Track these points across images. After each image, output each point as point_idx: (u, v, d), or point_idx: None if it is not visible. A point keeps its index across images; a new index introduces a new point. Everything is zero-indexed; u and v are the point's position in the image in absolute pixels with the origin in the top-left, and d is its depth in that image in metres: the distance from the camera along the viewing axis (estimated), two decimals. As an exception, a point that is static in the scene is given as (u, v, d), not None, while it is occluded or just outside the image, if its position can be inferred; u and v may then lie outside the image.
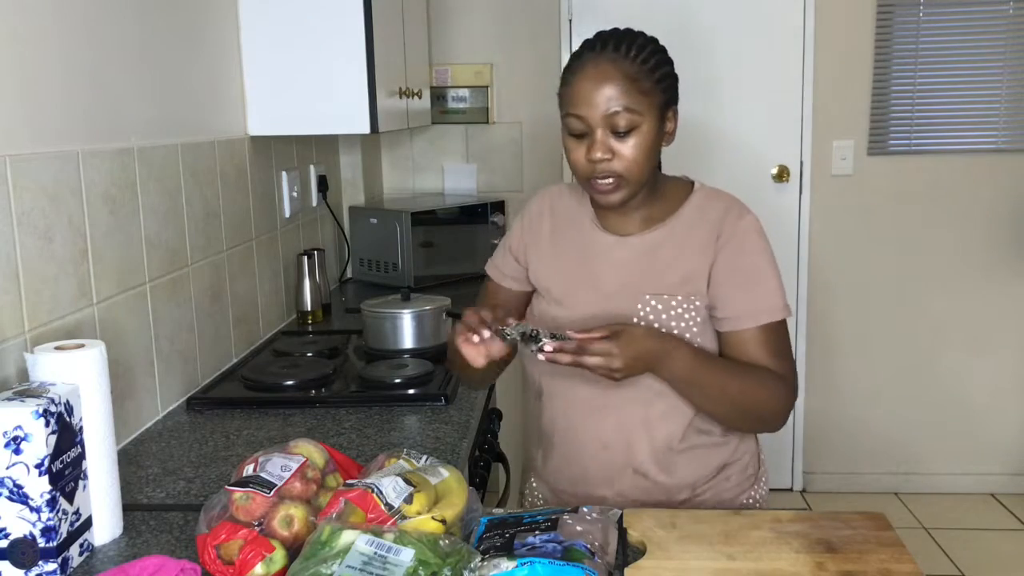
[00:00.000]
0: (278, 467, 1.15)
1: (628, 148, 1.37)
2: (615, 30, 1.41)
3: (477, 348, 1.35)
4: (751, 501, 1.55)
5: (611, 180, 1.39)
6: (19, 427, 1.07)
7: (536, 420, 1.61)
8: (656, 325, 1.42)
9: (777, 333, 1.44)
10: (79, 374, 1.18)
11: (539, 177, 3.46)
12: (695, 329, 1.43)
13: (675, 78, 1.43)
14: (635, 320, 1.43)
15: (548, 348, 1.30)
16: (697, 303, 1.43)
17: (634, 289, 1.45)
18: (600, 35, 1.42)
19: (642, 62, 1.37)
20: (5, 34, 1.32)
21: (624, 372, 1.31)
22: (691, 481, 1.48)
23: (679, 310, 1.43)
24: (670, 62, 1.42)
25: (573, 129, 1.39)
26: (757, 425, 1.48)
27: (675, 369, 1.36)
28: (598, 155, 1.37)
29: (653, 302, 1.43)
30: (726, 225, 1.45)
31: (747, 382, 1.40)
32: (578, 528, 1.16)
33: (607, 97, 1.35)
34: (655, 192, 1.48)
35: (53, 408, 1.10)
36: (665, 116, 1.41)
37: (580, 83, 1.37)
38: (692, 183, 1.52)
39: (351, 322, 2.47)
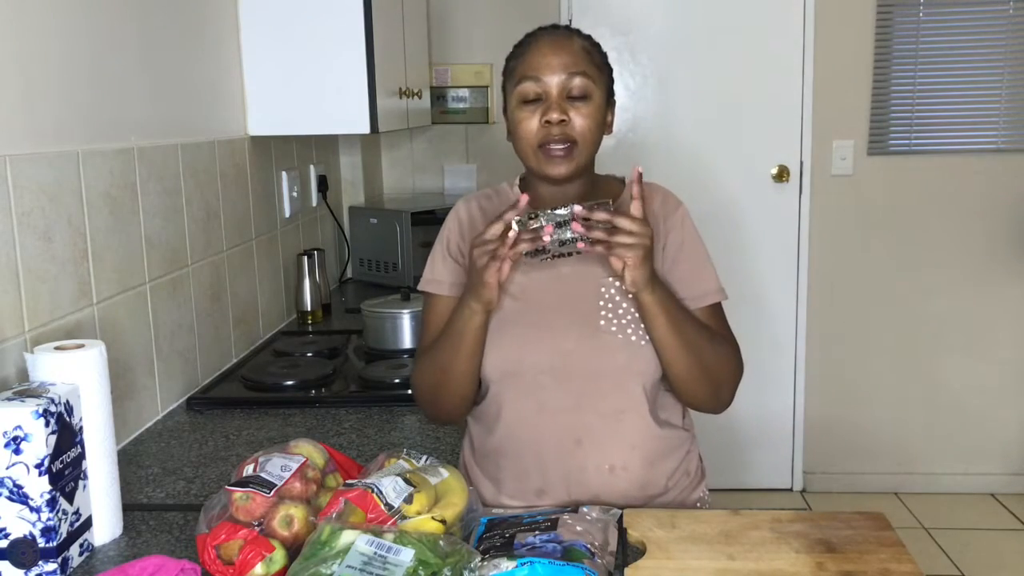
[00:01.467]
0: (278, 467, 1.15)
1: (582, 115, 1.41)
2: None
3: (497, 275, 1.32)
4: (704, 496, 1.56)
5: (565, 145, 1.40)
6: (19, 427, 1.07)
7: (481, 444, 1.52)
8: (621, 307, 1.42)
9: (719, 313, 1.50)
10: (79, 374, 1.18)
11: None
12: None
13: (612, 71, 1.50)
14: (600, 303, 1.43)
15: (577, 210, 1.27)
16: None
17: (591, 273, 1.44)
18: (549, 25, 1.51)
19: (592, 44, 1.47)
20: (5, 34, 1.32)
21: (646, 254, 1.30)
22: (663, 476, 1.47)
23: None
24: (608, 57, 1.50)
25: (527, 94, 1.41)
26: (713, 391, 1.45)
27: (666, 292, 1.38)
28: (555, 116, 1.39)
29: (618, 283, 1.42)
30: (667, 212, 1.50)
31: (713, 337, 1.44)
32: (578, 528, 1.16)
33: (566, 61, 1.41)
34: (592, 187, 1.51)
35: (53, 408, 1.10)
36: (608, 103, 1.47)
37: (538, 49, 1.43)
38: (623, 178, 1.56)
39: (351, 322, 2.47)
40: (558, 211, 1.29)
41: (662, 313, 1.37)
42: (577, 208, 1.28)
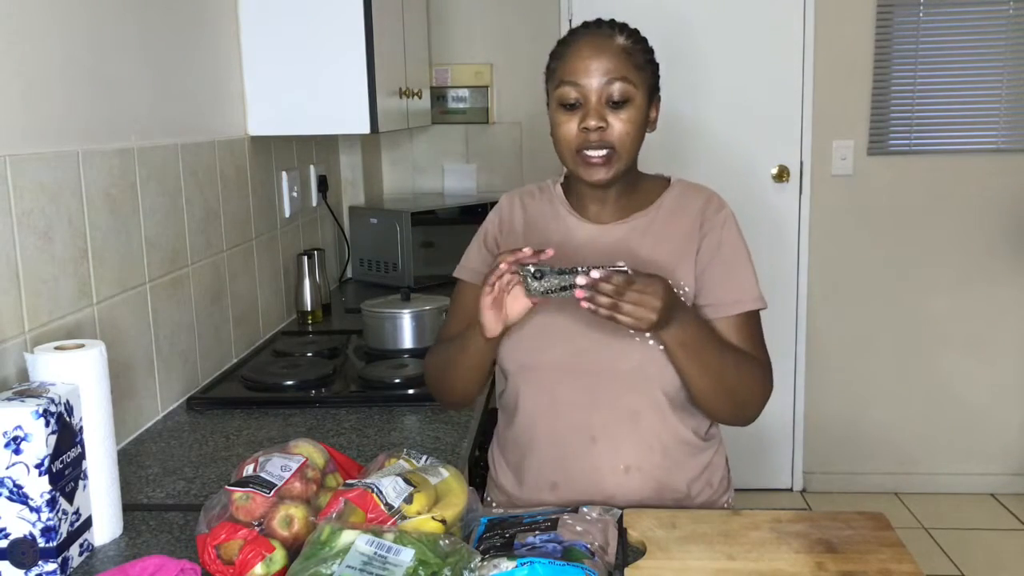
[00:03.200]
0: (278, 467, 1.15)
1: (621, 121, 1.39)
2: (605, 19, 1.46)
3: (496, 309, 1.32)
4: (727, 506, 1.55)
5: (603, 152, 1.39)
6: (19, 427, 1.07)
7: (504, 433, 1.55)
8: None
9: (754, 322, 1.47)
10: (79, 374, 1.18)
11: (539, 177, 3.44)
12: None
13: (658, 66, 1.47)
14: None
15: (582, 281, 1.24)
16: (686, 289, 1.44)
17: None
18: (592, 20, 1.46)
19: (635, 42, 1.43)
20: (6, 34, 1.32)
21: (659, 318, 1.27)
22: (682, 481, 1.46)
23: None
24: (653, 51, 1.46)
25: (566, 98, 1.40)
26: (737, 410, 1.45)
27: (683, 329, 1.34)
28: (593, 123, 1.37)
29: None
30: (707, 215, 1.48)
31: (739, 360, 1.41)
32: (578, 528, 1.16)
33: (605, 66, 1.38)
34: (634, 185, 1.49)
35: (53, 408, 1.10)
36: (651, 101, 1.45)
37: (578, 52, 1.40)
38: (668, 178, 1.54)
39: (351, 322, 2.47)
40: (566, 275, 1.26)
41: (679, 347, 1.36)
42: (581, 280, 1.24)
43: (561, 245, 1.47)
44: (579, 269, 1.26)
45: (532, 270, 1.27)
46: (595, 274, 1.24)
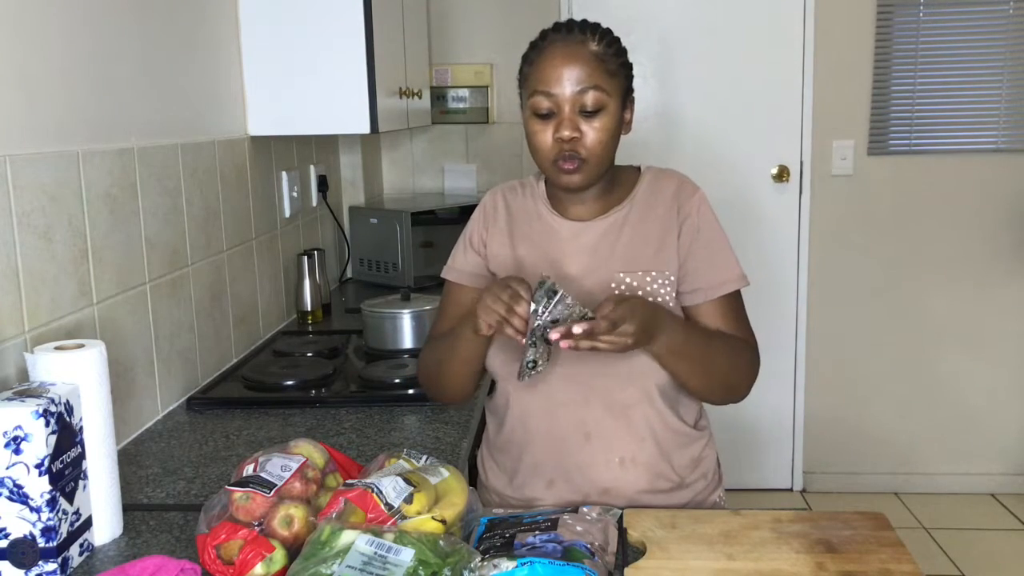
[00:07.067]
0: (278, 467, 1.15)
1: (595, 129, 1.39)
2: (576, 20, 1.46)
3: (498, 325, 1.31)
4: (719, 502, 1.57)
5: (576, 161, 1.39)
6: (19, 427, 1.07)
7: (495, 437, 1.56)
8: None
9: (738, 301, 1.49)
10: (79, 374, 1.18)
11: (539, 177, 3.46)
12: (670, 304, 1.44)
13: (632, 67, 1.46)
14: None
15: (564, 344, 1.25)
16: (671, 277, 1.45)
17: (605, 269, 1.45)
18: (564, 22, 1.46)
19: (607, 45, 1.41)
20: (6, 34, 1.32)
21: (636, 342, 1.29)
22: (674, 469, 1.47)
23: (654, 285, 1.44)
24: (627, 52, 1.46)
25: (540, 108, 1.39)
26: (728, 393, 1.47)
27: (671, 340, 1.36)
28: (567, 133, 1.37)
29: (628, 279, 1.44)
30: (682, 200, 1.49)
31: (724, 348, 1.44)
32: (578, 528, 1.16)
33: (577, 75, 1.37)
34: (611, 181, 1.50)
35: (53, 408, 1.10)
36: (625, 104, 1.44)
37: (550, 61, 1.39)
38: (639, 167, 1.55)
39: (351, 322, 2.47)
40: (544, 347, 1.28)
41: (668, 355, 1.38)
42: (564, 342, 1.26)
43: (544, 242, 1.50)
44: (548, 338, 1.25)
45: (535, 361, 1.28)
46: (564, 344, 1.24)
